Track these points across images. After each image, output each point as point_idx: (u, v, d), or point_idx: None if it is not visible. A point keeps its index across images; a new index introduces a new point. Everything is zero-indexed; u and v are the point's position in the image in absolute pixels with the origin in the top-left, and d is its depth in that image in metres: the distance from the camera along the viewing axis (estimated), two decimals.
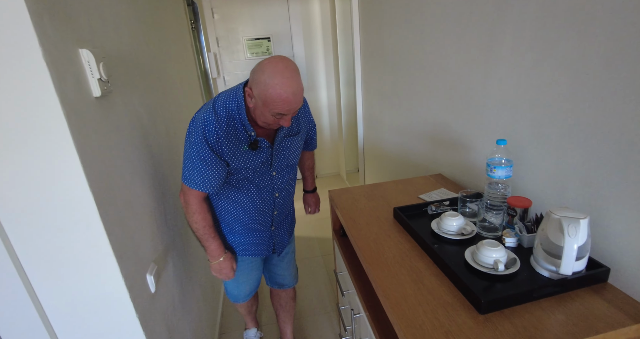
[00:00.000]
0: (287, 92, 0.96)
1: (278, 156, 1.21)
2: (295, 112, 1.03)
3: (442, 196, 1.31)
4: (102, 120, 0.87)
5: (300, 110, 1.23)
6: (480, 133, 1.28)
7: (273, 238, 1.40)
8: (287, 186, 1.33)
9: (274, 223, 1.36)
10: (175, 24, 1.91)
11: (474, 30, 1.22)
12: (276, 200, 1.30)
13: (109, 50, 0.97)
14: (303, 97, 1.06)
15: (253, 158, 1.14)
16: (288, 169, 1.28)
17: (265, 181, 1.23)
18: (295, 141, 1.25)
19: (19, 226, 0.76)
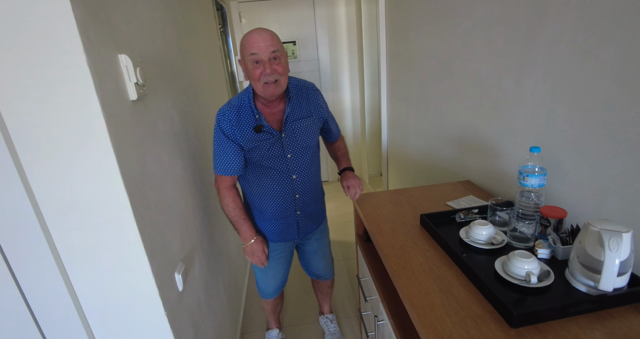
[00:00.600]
0: (252, 33, 1.13)
1: (289, 139, 1.26)
2: (267, 53, 1.11)
3: (470, 203, 1.28)
4: (137, 123, 0.90)
5: (308, 94, 1.31)
6: (511, 139, 1.25)
7: (299, 222, 1.43)
8: (306, 169, 1.34)
9: (297, 207, 1.38)
10: (205, 28, 1.96)
11: (508, 34, 1.19)
12: (295, 183, 1.33)
13: (145, 55, 1.01)
14: (276, 42, 1.14)
15: (261, 140, 1.23)
16: (304, 151, 1.31)
17: (281, 164, 1.28)
18: (306, 124, 1.29)
19: (60, 223, 0.79)
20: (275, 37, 1.15)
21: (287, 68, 1.20)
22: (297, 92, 1.29)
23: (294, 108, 1.27)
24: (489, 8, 1.28)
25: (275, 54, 1.13)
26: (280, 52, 1.15)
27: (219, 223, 1.70)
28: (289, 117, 1.25)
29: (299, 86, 1.31)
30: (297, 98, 1.29)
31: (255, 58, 1.12)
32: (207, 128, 1.68)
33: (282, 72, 1.15)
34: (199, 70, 1.68)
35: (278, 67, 1.14)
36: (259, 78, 1.14)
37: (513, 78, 1.19)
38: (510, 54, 1.19)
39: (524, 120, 1.17)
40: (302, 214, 1.42)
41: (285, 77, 1.18)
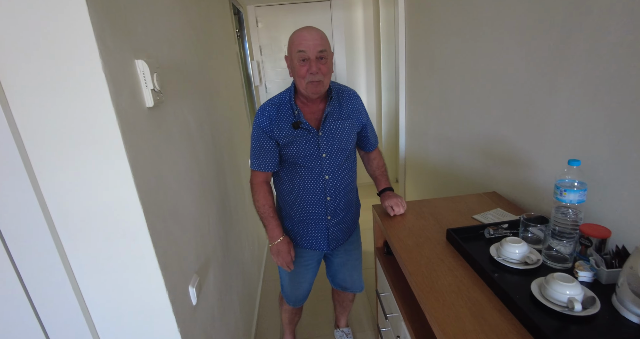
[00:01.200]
0: (302, 30, 1.16)
1: (326, 138, 1.26)
2: (314, 52, 1.13)
3: (499, 217, 1.21)
4: (153, 131, 0.87)
5: (349, 98, 1.31)
6: (543, 150, 1.17)
7: (329, 229, 1.37)
8: (340, 170, 1.31)
9: (328, 211, 1.34)
10: (222, 33, 1.94)
11: (541, 38, 1.12)
12: (327, 184, 1.30)
13: (163, 60, 0.98)
14: (324, 42, 1.16)
15: (298, 136, 1.24)
16: (339, 153, 1.29)
17: (314, 162, 1.27)
18: (345, 125, 1.28)
19: (72, 234, 0.76)
20: (324, 37, 1.17)
21: (331, 69, 1.21)
22: (339, 95, 1.31)
23: (334, 108, 1.28)
24: (520, 12, 1.21)
25: (322, 53, 1.14)
26: (327, 52, 1.16)
27: (234, 230, 1.66)
28: (328, 116, 1.26)
29: (340, 90, 1.32)
30: (337, 99, 1.30)
31: (302, 55, 1.14)
32: (223, 133, 1.65)
33: (326, 72, 1.17)
34: (216, 74, 1.66)
35: (323, 66, 1.16)
36: (304, 76, 1.16)
37: (546, 85, 1.12)
38: (543, 59, 1.12)
39: (559, 130, 1.09)
40: (333, 220, 1.37)
41: (328, 77, 1.20)
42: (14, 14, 0.62)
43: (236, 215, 1.72)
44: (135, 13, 0.84)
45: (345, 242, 1.46)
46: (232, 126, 1.91)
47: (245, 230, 1.93)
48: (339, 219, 1.38)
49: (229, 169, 1.66)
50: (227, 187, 1.58)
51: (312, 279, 1.54)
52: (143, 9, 0.89)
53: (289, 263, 1.36)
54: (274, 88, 3.43)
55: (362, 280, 1.60)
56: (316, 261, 1.49)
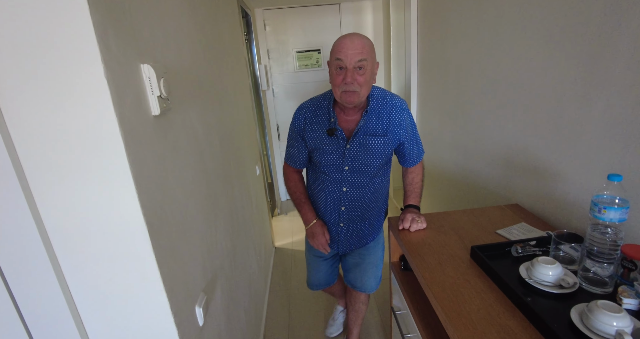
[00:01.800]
0: (344, 38, 1.11)
1: (353, 151, 1.22)
2: (352, 62, 1.08)
3: (524, 233, 1.13)
4: (159, 140, 0.81)
5: (391, 111, 1.21)
6: (575, 162, 1.10)
7: (340, 235, 1.38)
8: (360, 185, 1.27)
9: (341, 219, 1.34)
10: (231, 36, 1.89)
11: (572, 42, 1.05)
12: (343, 195, 1.29)
13: (170, 64, 0.92)
14: (366, 51, 1.09)
15: (327, 144, 1.23)
16: (364, 169, 1.25)
17: (336, 173, 1.27)
18: (377, 142, 1.21)
19: (71, 254, 0.70)
20: (367, 46, 1.10)
21: (371, 79, 1.15)
22: (379, 107, 1.22)
23: (369, 122, 1.21)
24: (547, 14, 1.14)
25: (361, 63, 1.09)
26: (368, 62, 1.10)
27: (241, 240, 1.59)
28: (360, 130, 1.21)
29: (384, 101, 1.22)
30: (376, 113, 1.21)
31: (339, 64, 1.11)
32: (231, 140, 1.59)
33: (363, 82, 1.11)
34: (225, 79, 1.60)
35: (360, 77, 1.10)
36: (338, 85, 1.13)
37: (578, 93, 1.05)
38: (574, 64, 1.05)
39: (594, 141, 1.02)
40: (345, 228, 1.36)
41: (365, 88, 1.13)
42: (10, 13, 0.56)
43: (244, 225, 1.66)
44: (141, 15, 0.78)
45: (360, 247, 1.43)
46: (240, 132, 1.86)
47: (252, 239, 1.87)
48: (351, 228, 1.36)
49: (236, 177, 1.60)
50: (234, 197, 1.51)
51: (330, 270, 1.56)
52: (149, 11, 0.83)
53: (324, 244, 1.38)
54: (282, 93, 3.37)
55: (375, 283, 1.49)
56: (330, 256, 1.52)
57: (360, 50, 1.08)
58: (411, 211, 1.25)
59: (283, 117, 3.45)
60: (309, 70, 3.33)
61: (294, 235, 2.97)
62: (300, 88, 3.38)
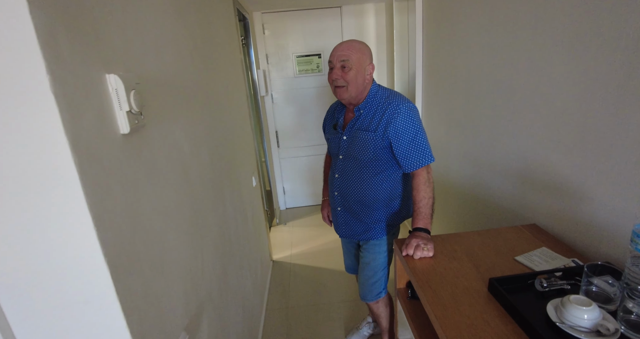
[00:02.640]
0: (337, 44, 1.30)
1: (347, 143, 1.36)
2: (338, 61, 1.25)
3: (547, 260, 1.01)
4: (131, 162, 0.69)
5: (385, 110, 1.27)
6: (604, 181, 0.98)
7: (338, 218, 1.49)
8: (350, 176, 1.38)
9: (336, 203, 1.47)
10: (226, 40, 1.78)
11: (602, 48, 0.93)
12: (335, 181, 1.44)
13: (147, 74, 0.81)
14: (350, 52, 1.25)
15: (332, 134, 1.46)
16: (353, 161, 1.35)
17: (335, 160, 1.44)
18: (365, 137, 1.30)
19: (18, 304, 0.58)
20: (353, 48, 1.26)
21: (359, 77, 1.26)
22: (374, 105, 1.31)
23: (362, 118, 1.32)
24: (571, 16, 1.02)
25: (343, 62, 1.25)
26: (352, 61, 1.24)
27: (234, 260, 1.47)
28: (355, 124, 1.34)
29: (385, 100, 1.29)
30: (372, 110, 1.31)
31: (330, 65, 1.30)
32: (224, 152, 1.47)
33: (349, 80, 1.25)
34: (217, 87, 1.49)
35: (345, 75, 1.25)
36: (331, 82, 1.30)
37: (610, 104, 0.93)
38: (604, 73, 0.93)
39: (627, 157, 0.90)
40: (342, 214, 1.46)
41: (353, 85, 1.26)
42: None
43: (237, 243, 1.54)
44: (111, 17, 0.67)
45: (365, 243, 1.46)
46: (235, 143, 1.74)
47: (246, 257, 1.75)
48: (346, 216, 1.45)
49: (229, 192, 1.49)
50: (226, 214, 1.40)
51: (357, 254, 1.60)
52: (123, 12, 0.72)
53: (325, 218, 1.69)
54: (281, 99, 3.27)
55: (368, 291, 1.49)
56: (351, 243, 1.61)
57: (345, 52, 1.25)
58: (417, 235, 1.13)
59: (282, 124, 3.34)
60: (309, 75, 3.23)
61: (293, 247, 2.84)
62: (300, 94, 3.27)
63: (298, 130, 3.38)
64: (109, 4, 0.67)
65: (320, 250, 2.74)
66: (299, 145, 3.43)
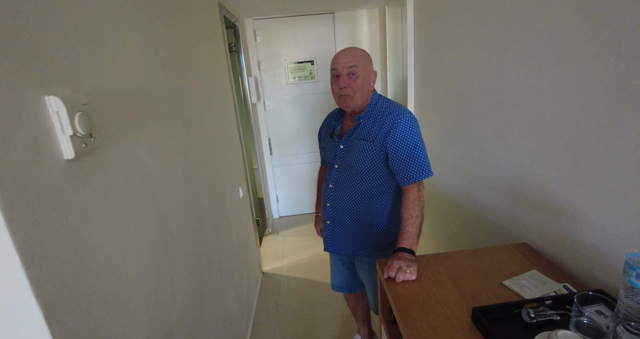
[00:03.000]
0: (338, 52, 1.25)
1: (343, 152, 1.31)
2: (345, 68, 1.20)
3: (536, 285, 0.95)
4: (78, 190, 0.64)
5: (385, 119, 1.23)
6: (596, 202, 0.92)
7: (326, 232, 1.42)
8: (344, 186, 1.32)
9: (327, 215, 1.40)
10: (210, 48, 1.73)
11: (596, 60, 0.88)
12: (328, 191, 1.37)
13: (105, 90, 0.75)
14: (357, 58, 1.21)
15: (328, 143, 1.39)
16: (349, 171, 1.30)
17: (330, 170, 1.39)
18: (363, 146, 1.25)
19: None
20: (358, 55, 1.22)
21: (365, 85, 1.23)
22: (374, 114, 1.27)
23: (361, 127, 1.28)
24: (562, 24, 0.97)
25: (352, 68, 1.20)
26: (360, 68, 1.20)
27: (213, 276, 1.42)
28: (353, 133, 1.29)
29: (384, 109, 1.26)
30: (372, 119, 1.27)
31: (334, 72, 1.24)
32: (205, 165, 1.42)
33: (356, 88, 1.22)
34: (197, 97, 1.44)
35: (353, 82, 1.21)
36: (336, 91, 1.25)
37: (603, 117, 0.88)
38: (597, 83, 0.88)
39: (621, 179, 0.84)
40: (331, 227, 1.40)
41: (359, 93, 1.23)
42: None
43: (217, 259, 1.48)
44: (55, 31, 0.62)
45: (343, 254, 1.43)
46: (219, 154, 1.69)
47: (231, 271, 1.69)
48: (336, 230, 1.39)
49: (209, 206, 1.43)
50: (204, 230, 1.34)
51: (346, 274, 1.57)
52: (72, 25, 0.67)
53: (319, 233, 1.61)
54: (273, 106, 3.22)
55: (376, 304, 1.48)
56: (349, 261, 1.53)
57: (351, 58, 1.20)
58: (401, 256, 1.07)
59: (275, 131, 3.29)
60: (302, 82, 3.18)
61: (284, 258, 2.78)
62: (293, 101, 3.23)
63: (291, 138, 3.33)
64: (53, 17, 0.62)
65: (312, 261, 2.68)
66: (293, 152, 3.38)
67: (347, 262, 1.55)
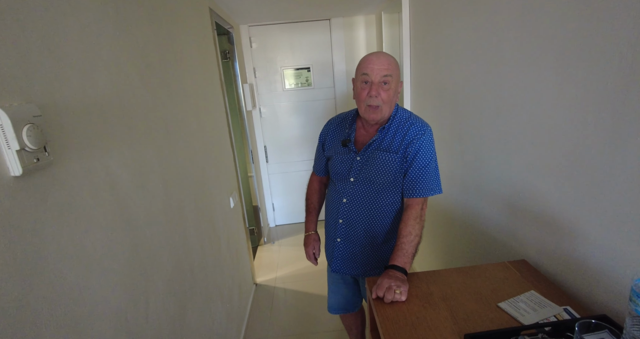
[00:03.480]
0: (370, 54, 1.16)
1: (360, 164, 1.22)
2: (378, 76, 1.11)
3: (535, 308, 0.89)
4: (25, 210, 0.58)
5: (408, 131, 1.17)
6: (598, 219, 0.86)
7: (335, 251, 1.33)
8: (360, 200, 1.23)
9: (338, 233, 1.30)
10: (198, 55, 1.69)
11: (595, 69, 0.83)
12: (342, 206, 1.27)
13: (66, 100, 0.70)
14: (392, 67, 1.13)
15: (339, 153, 1.27)
16: (367, 184, 1.22)
17: (342, 183, 1.27)
18: (386, 157, 1.18)
19: None
20: (393, 63, 1.14)
21: (394, 97, 1.17)
22: (398, 125, 1.20)
23: (384, 138, 1.20)
24: (561, 31, 0.92)
25: (386, 78, 1.12)
26: (393, 78, 1.13)
27: (197, 291, 1.35)
28: (373, 144, 1.21)
29: (406, 121, 1.20)
30: (393, 130, 1.20)
31: (365, 78, 1.14)
32: (189, 176, 1.37)
33: (386, 100, 1.14)
34: (182, 106, 1.39)
35: (384, 92, 1.13)
36: (363, 99, 1.15)
37: (605, 130, 0.82)
38: (599, 94, 0.82)
39: (624, 194, 0.78)
40: (341, 246, 1.30)
41: (387, 105, 1.16)
42: None
43: (203, 273, 1.42)
44: (2, 38, 0.57)
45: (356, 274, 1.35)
46: (207, 163, 1.64)
47: (219, 284, 1.63)
48: (347, 248, 1.30)
49: (193, 218, 1.37)
50: (187, 244, 1.28)
51: (348, 295, 1.47)
52: (24, 27, 0.62)
53: (310, 257, 1.47)
54: (269, 113, 3.17)
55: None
56: (351, 280, 1.44)
57: (387, 66, 1.12)
58: (391, 275, 1.00)
59: (271, 138, 3.24)
60: (298, 89, 3.14)
61: (278, 269, 2.71)
62: (289, 108, 3.18)
63: (288, 145, 3.28)
64: (8, 15, 0.57)
65: (307, 273, 2.61)
66: (289, 159, 3.32)
67: (349, 280, 1.45)
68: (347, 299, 1.49)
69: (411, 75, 2.18)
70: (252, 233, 3.07)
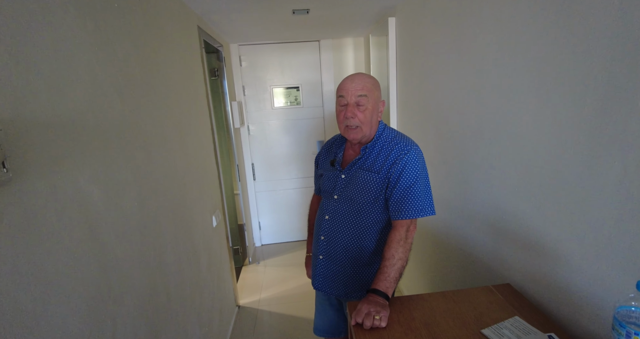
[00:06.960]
0: (347, 77, 1.18)
1: (344, 182, 1.23)
2: (354, 97, 1.13)
3: (518, 335, 0.86)
4: None
5: (391, 151, 1.16)
6: (580, 243, 0.85)
7: (317, 268, 1.31)
8: (341, 217, 1.23)
9: (320, 249, 1.29)
10: (184, 72, 1.68)
11: (573, 88, 0.83)
12: (323, 223, 1.27)
13: (33, 115, 0.68)
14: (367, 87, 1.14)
15: (328, 171, 1.30)
16: (349, 202, 1.21)
17: (327, 200, 1.28)
18: (368, 177, 1.17)
19: None
20: (368, 84, 1.14)
21: (374, 115, 1.16)
22: (382, 145, 1.19)
23: (367, 157, 1.20)
24: (538, 53, 0.94)
25: (360, 98, 1.13)
26: (369, 98, 1.13)
27: (172, 317, 1.29)
28: (357, 163, 1.21)
29: (391, 141, 1.19)
30: (377, 150, 1.19)
31: (341, 101, 1.16)
32: (168, 194, 1.33)
33: (363, 120, 1.14)
34: (164, 123, 1.37)
35: (360, 113, 1.14)
36: (342, 120, 1.17)
37: (584, 152, 0.82)
38: (577, 114, 0.83)
39: (606, 218, 0.77)
40: (323, 263, 1.29)
41: (367, 124, 1.16)
42: None
43: (179, 295, 1.36)
44: None
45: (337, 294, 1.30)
46: (189, 180, 1.60)
47: (197, 307, 1.56)
48: (329, 266, 1.27)
49: (172, 238, 1.33)
50: (163, 265, 1.23)
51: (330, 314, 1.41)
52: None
53: (309, 275, 1.44)
54: (257, 130, 3.17)
55: None
56: (333, 300, 1.39)
57: (361, 87, 1.13)
58: (371, 300, 0.97)
59: (259, 156, 3.22)
60: (287, 108, 3.15)
61: (263, 290, 2.63)
62: (278, 127, 3.18)
63: (276, 163, 3.26)
64: None
65: (293, 294, 2.54)
66: (277, 178, 3.30)
67: (335, 302, 1.41)
68: (332, 323, 1.43)
69: (397, 96, 2.20)
70: (237, 253, 3.00)
